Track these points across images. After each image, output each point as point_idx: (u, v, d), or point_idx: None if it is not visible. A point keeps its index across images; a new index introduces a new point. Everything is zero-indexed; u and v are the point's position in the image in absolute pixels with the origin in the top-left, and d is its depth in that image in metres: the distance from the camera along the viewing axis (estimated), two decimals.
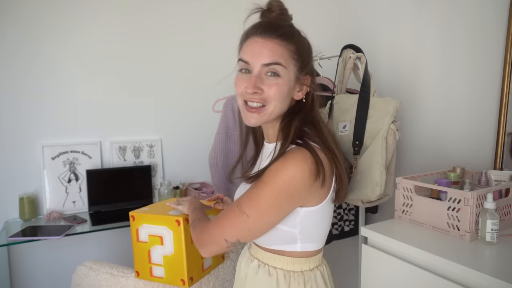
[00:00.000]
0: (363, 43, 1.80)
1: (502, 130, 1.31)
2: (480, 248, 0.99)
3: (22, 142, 2.04)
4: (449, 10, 1.48)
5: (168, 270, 1.16)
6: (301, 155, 0.80)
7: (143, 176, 2.30)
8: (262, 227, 0.84)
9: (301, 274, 0.90)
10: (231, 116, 1.69)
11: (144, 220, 1.16)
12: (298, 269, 0.90)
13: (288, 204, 0.82)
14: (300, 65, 0.87)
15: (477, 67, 1.40)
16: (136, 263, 1.21)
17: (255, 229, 0.83)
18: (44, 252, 2.11)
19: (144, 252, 1.18)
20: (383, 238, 1.11)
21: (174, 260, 1.14)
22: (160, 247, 1.15)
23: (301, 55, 0.87)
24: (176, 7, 2.38)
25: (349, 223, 1.84)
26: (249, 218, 0.81)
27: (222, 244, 0.85)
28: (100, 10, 2.17)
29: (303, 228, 0.87)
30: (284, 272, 0.90)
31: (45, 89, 2.08)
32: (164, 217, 1.13)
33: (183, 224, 1.10)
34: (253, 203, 0.80)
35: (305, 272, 0.90)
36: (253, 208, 0.80)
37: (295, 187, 0.79)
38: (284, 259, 0.90)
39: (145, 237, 1.17)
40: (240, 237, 0.84)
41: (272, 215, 0.82)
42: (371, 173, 1.32)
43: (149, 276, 1.19)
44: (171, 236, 1.12)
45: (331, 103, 1.52)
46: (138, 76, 2.32)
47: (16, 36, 1.99)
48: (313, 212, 0.86)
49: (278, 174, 0.79)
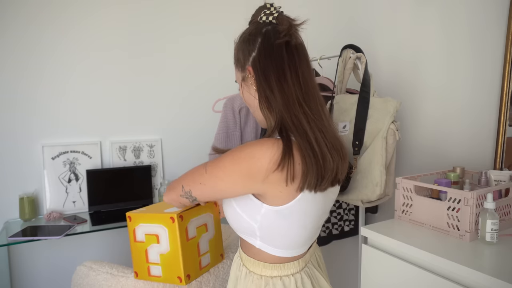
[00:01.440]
0: (363, 43, 1.80)
1: (502, 130, 1.31)
2: (480, 248, 0.99)
3: (22, 142, 2.04)
4: (449, 10, 1.48)
5: (165, 269, 1.16)
6: (269, 142, 0.81)
7: (143, 176, 2.30)
8: (212, 189, 0.88)
9: (260, 278, 0.91)
10: (231, 116, 1.69)
11: (141, 220, 1.17)
12: (258, 271, 0.92)
13: (242, 180, 0.82)
14: (240, 67, 0.93)
15: (477, 67, 1.40)
16: (135, 263, 1.21)
17: (205, 187, 0.88)
18: (44, 252, 2.12)
19: (142, 252, 1.18)
20: (383, 238, 1.11)
21: (170, 258, 1.14)
22: (157, 246, 1.15)
23: (237, 57, 0.93)
24: (176, 7, 2.38)
25: (349, 223, 1.84)
26: (206, 174, 0.87)
27: (178, 191, 0.94)
28: (100, 9, 2.18)
29: (263, 227, 0.86)
30: (247, 271, 0.94)
31: (45, 89, 2.08)
32: (159, 215, 1.13)
33: (177, 221, 1.10)
34: (214, 164, 0.86)
35: (264, 277, 0.91)
36: (213, 168, 0.86)
37: (252, 167, 0.80)
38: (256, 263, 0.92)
39: (142, 237, 1.17)
40: (192, 188, 0.91)
41: (224, 183, 0.85)
42: (371, 173, 1.32)
43: (147, 276, 1.20)
44: (167, 233, 1.12)
45: (331, 103, 1.53)
46: (138, 76, 2.32)
47: (16, 36, 1.99)
48: (274, 212, 0.84)
49: (243, 148, 0.83)
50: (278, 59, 0.86)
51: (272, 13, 0.89)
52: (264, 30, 0.88)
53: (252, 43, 0.89)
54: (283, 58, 0.86)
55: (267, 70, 0.86)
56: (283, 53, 0.86)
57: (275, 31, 0.87)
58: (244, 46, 0.90)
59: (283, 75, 0.85)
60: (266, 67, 0.86)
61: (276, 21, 0.89)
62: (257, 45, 0.88)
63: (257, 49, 0.88)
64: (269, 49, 0.86)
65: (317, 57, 1.68)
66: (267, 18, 0.89)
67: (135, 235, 1.19)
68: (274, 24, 0.89)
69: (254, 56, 0.88)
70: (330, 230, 1.79)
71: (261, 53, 0.87)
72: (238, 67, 0.94)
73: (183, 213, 1.13)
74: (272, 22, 0.89)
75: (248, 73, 0.89)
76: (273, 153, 0.79)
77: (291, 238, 0.88)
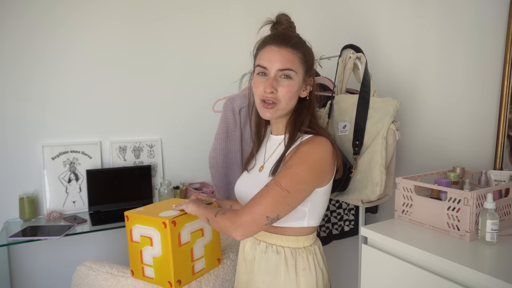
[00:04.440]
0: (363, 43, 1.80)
1: (502, 130, 1.31)
2: (480, 248, 0.99)
3: (22, 142, 2.04)
4: (449, 10, 1.48)
5: (157, 271, 1.16)
6: (325, 141, 1.00)
7: (143, 176, 2.30)
8: (298, 202, 0.97)
9: (304, 249, 1.07)
10: (231, 116, 1.69)
11: (137, 221, 1.17)
12: (301, 245, 1.07)
13: (317, 180, 0.99)
14: (306, 69, 1.05)
15: (477, 67, 1.40)
16: (131, 262, 1.21)
17: (292, 204, 0.95)
18: (44, 252, 2.12)
19: (137, 252, 1.18)
20: (383, 238, 1.11)
21: (162, 262, 1.13)
22: (150, 248, 1.15)
23: (307, 61, 1.05)
24: (176, 7, 2.38)
25: (349, 223, 1.84)
26: (290, 193, 0.93)
27: (262, 222, 0.93)
28: (100, 9, 2.17)
29: (312, 206, 1.03)
30: (291, 249, 1.06)
31: (45, 89, 2.08)
32: (153, 218, 1.12)
33: (169, 227, 1.09)
34: (293, 180, 0.93)
35: (307, 247, 1.07)
36: (293, 185, 0.93)
37: (324, 165, 0.98)
38: (288, 238, 1.05)
39: (138, 237, 1.17)
40: (280, 212, 0.94)
41: (306, 190, 0.97)
42: (371, 173, 1.32)
43: (142, 276, 1.20)
44: (159, 237, 1.12)
45: (331, 103, 1.52)
46: (139, 76, 2.32)
47: (18, 38, 1.99)
48: (321, 192, 1.03)
49: (310, 155, 0.96)
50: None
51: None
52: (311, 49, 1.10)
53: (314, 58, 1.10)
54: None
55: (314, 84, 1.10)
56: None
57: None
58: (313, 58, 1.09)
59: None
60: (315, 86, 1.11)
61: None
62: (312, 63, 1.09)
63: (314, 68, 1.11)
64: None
65: (317, 57, 1.68)
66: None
67: (132, 235, 1.19)
68: None
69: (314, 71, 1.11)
70: (330, 230, 1.79)
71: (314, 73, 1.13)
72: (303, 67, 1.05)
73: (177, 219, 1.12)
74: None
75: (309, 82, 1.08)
76: (331, 148, 1.00)
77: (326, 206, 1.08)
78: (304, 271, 1.05)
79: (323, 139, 1.00)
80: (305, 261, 1.06)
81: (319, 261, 1.10)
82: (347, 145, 1.40)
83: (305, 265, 1.06)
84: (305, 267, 1.06)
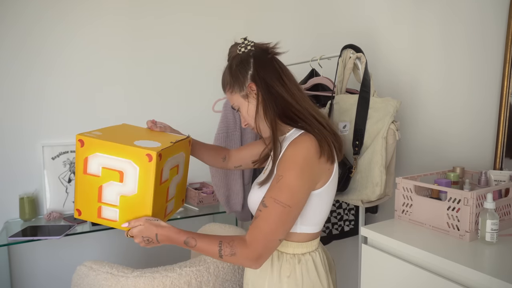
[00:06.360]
0: (363, 43, 1.80)
1: (502, 130, 1.31)
2: (480, 248, 0.99)
3: (22, 142, 2.04)
4: (449, 10, 1.48)
5: (124, 213, 0.94)
6: (306, 138, 0.94)
7: None
8: (300, 211, 0.95)
9: (293, 256, 1.02)
10: (231, 116, 1.69)
11: (99, 148, 0.91)
12: (290, 251, 1.02)
13: (310, 181, 0.93)
14: (238, 87, 1.03)
15: (477, 67, 1.40)
16: (78, 200, 0.97)
17: (296, 215, 0.94)
18: (44, 252, 2.12)
19: (93, 188, 0.94)
20: (383, 238, 1.11)
21: (135, 203, 0.92)
22: (118, 185, 0.92)
23: (235, 82, 1.03)
24: (176, 8, 2.38)
25: (349, 223, 1.84)
26: (292, 208, 0.90)
27: (275, 245, 0.92)
28: (100, 10, 2.17)
29: (304, 211, 0.97)
30: (278, 252, 1.03)
31: (45, 88, 2.08)
32: (130, 148, 0.90)
33: (155, 160, 0.88)
34: (289, 193, 0.90)
35: (297, 255, 1.02)
36: (293, 198, 0.90)
37: (311, 164, 0.92)
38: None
39: (97, 170, 0.93)
40: (288, 228, 0.93)
41: (304, 195, 0.93)
42: (371, 173, 1.32)
43: (96, 218, 0.97)
44: (137, 173, 0.90)
45: (331, 103, 1.53)
46: (138, 76, 2.32)
47: (17, 36, 1.99)
48: (314, 196, 0.97)
49: (295, 157, 0.92)
50: (274, 69, 1.02)
51: (249, 44, 1.04)
52: (251, 53, 1.02)
53: (246, 64, 1.01)
54: (276, 67, 1.02)
55: (269, 79, 1.00)
56: (275, 64, 1.03)
57: (262, 51, 1.03)
58: (239, 70, 1.02)
59: (282, 80, 1.01)
60: (267, 78, 1.00)
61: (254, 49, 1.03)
62: (251, 65, 1.01)
63: (253, 67, 1.01)
64: (264, 64, 1.01)
65: (317, 57, 1.68)
66: (246, 48, 1.03)
67: (87, 166, 0.93)
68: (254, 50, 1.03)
69: (251, 73, 1.01)
70: (330, 230, 1.79)
71: (258, 69, 1.00)
72: (235, 91, 1.03)
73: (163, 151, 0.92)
74: (252, 50, 1.03)
75: (249, 90, 1.01)
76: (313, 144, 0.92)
77: (325, 213, 1.02)
78: (289, 279, 1.00)
79: (303, 138, 0.94)
80: (291, 269, 1.00)
81: (312, 274, 1.01)
82: (347, 145, 1.40)
83: (291, 273, 1.00)
84: (290, 275, 1.00)
